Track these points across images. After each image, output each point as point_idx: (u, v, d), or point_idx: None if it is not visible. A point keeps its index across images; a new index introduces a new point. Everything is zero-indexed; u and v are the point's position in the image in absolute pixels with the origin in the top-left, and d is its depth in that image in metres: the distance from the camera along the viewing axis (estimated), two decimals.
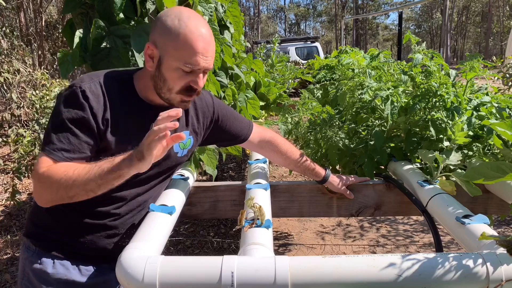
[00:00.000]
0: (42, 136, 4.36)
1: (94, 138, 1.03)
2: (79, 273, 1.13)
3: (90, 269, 1.13)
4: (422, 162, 1.53)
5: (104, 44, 1.47)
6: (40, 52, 8.54)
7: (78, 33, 1.48)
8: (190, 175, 1.48)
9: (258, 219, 1.06)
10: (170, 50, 1.03)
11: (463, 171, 1.33)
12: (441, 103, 1.54)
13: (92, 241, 1.14)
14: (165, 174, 1.25)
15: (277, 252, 2.96)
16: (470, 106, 1.60)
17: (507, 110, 1.53)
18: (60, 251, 1.13)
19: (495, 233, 0.96)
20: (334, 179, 1.46)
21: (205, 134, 1.33)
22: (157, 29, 1.05)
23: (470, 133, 1.48)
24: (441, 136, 1.50)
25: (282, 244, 3.29)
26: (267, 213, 1.12)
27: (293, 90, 4.57)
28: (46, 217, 1.14)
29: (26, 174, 3.79)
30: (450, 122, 1.48)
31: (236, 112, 1.42)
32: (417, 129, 1.61)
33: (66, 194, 0.96)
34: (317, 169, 1.44)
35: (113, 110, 1.06)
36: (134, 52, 1.44)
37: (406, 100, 1.67)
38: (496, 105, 1.56)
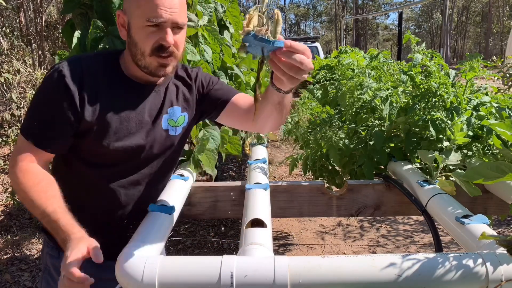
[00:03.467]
0: None
1: (71, 119, 1.03)
2: (97, 268, 1.14)
3: (109, 264, 1.13)
4: (422, 162, 1.53)
5: (102, 44, 1.47)
6: (40, 52, 8.53)
7: (77, 33, 1.48)
8: (189, 175, 1.48)
9: (267, 30, 0.78)
10: (134, 10, 1.02)
11: (462, 171, 1.33)
12: (440, 103, 1.54)
13: (104, 236, 1.15)
14: (165, 154, 1.20)
15: (277, 252, 2.96)
16: (469, 106, 1.60)
17: (507, 110, 1.53)
18: None
19: (494, 233, 0.96)
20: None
21: (200, 107, 1.25)
22: None
23: (470, 133, 1.48)
24: (441, 136, 1.50)
25: (282, 244, 3.29)
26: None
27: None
28: None
29: None
30: (450, 122, 1.48)
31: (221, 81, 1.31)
32: (417, 129, 1.61)
33: (17, 195, 1.01)
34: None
35: (92, 87, 1.04)
36: None
37: (406, 100, 1.67)
38: (495, 105, 1.56)
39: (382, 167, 1.67)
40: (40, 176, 1.01)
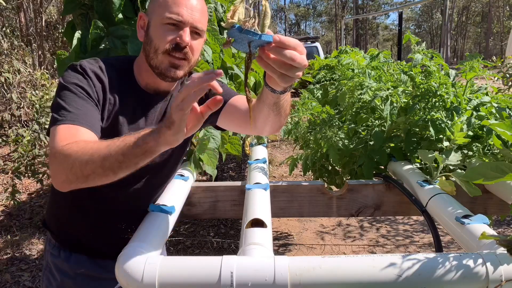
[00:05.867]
0: (42, 136, 4.36)
1: (98, 109, 1.00)
2: (98, 268, 1.15)
3: (109, 263, 1.10)
4: (422, 162, 1.53)
5: (103, 45, 1.47)
6: (40, 52, 8.54)
7: (77, 34, 1.49)
8: (190, 175, 1.48)
9: (255, 20, 0.70)
10: (156, 9, 1.02)
11: (462, 171, 1.33)
12: (440, 103, 1.54)
13: (106, 236, 1.16)
14: (165, 161, 1.18)
15: (277, 252, 2.96)
16: (469, 106, 1.60)
17: (507, 110, 1.53)
18: (78, 246, 1.15)
19: (494, 233, 0.96)
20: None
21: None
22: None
23: (470, 133, 1.48)
24: (441, 136, 1.50)
25: (282, 244, 3.29)
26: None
27: (293, 90, 4.57)
28: (63, 211, 1.15)
29: (26, 174, 3.79)
30: (450, 122, 1.48)
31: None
32: (417, 129, 1.61)
33: (81, 172, 0.81)
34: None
35: (111, 93, 1.03)
36: (130, 54, 1.43)
37: (406, 100, 1.67)
38: (495, 105, 1.56)
39: (382, 167, 1.67)
40: (79, 140, 0.87)
